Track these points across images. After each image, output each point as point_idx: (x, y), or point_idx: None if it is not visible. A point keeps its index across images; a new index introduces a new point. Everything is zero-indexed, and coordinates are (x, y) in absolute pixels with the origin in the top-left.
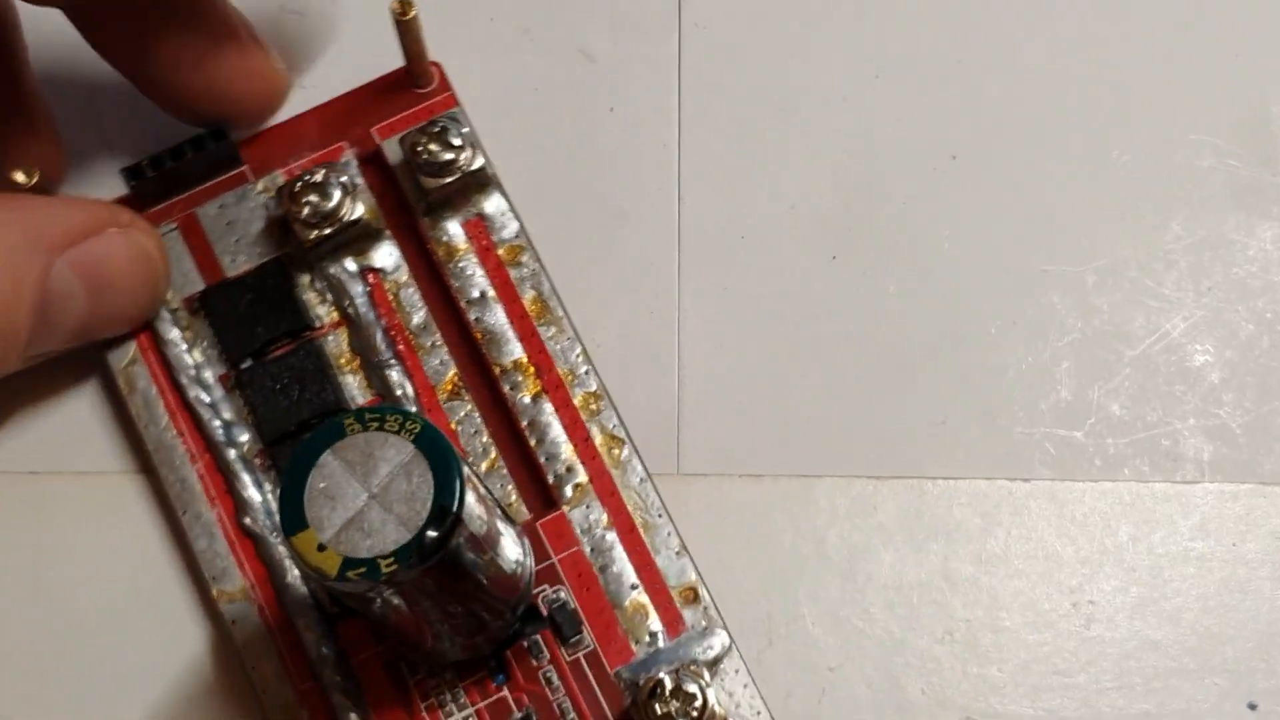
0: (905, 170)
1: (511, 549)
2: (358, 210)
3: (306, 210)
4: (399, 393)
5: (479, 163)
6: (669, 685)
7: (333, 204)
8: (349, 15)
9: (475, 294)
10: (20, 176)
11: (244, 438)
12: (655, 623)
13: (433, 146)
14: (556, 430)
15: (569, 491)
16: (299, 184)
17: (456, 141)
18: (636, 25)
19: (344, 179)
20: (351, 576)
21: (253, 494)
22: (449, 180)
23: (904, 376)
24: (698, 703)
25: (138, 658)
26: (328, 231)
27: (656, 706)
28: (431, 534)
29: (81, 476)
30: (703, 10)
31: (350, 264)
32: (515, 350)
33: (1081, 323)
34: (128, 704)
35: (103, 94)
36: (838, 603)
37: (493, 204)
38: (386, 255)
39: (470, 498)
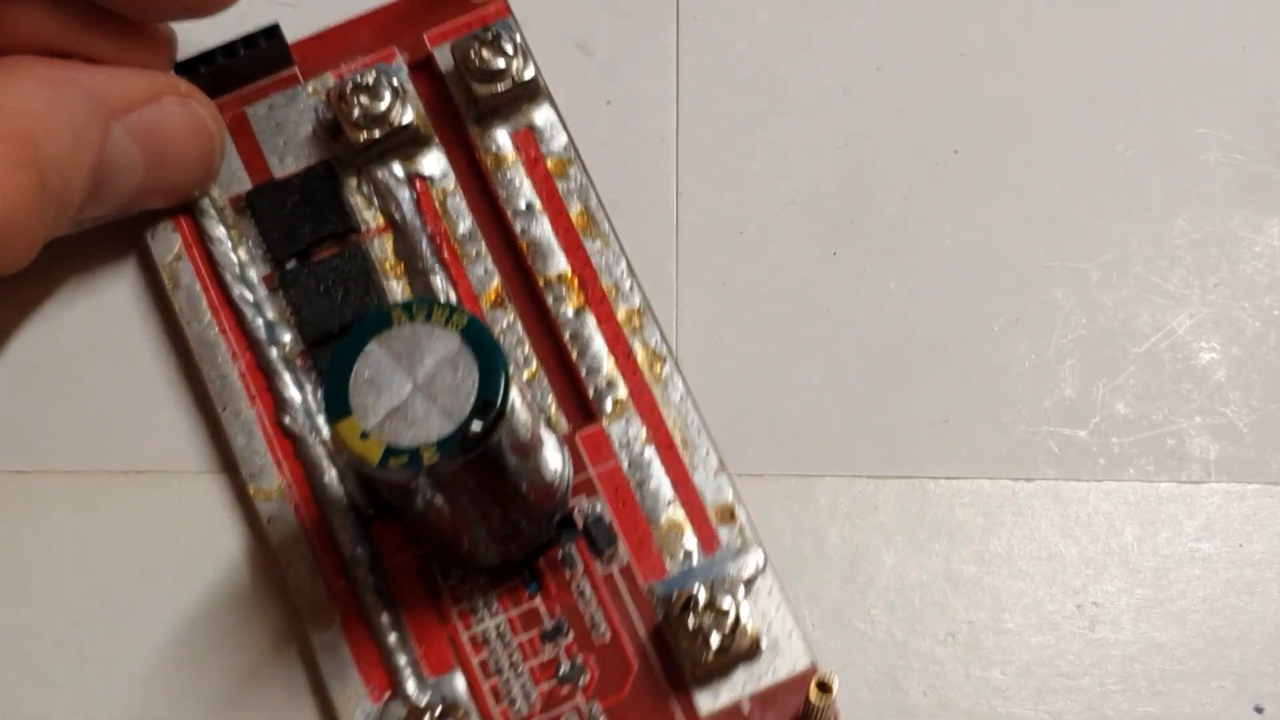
0: (907, 165)
1: (553, 457)
2: (408, 115)
3: (357, 112)
4: (442, 300)
5: (530, 73)
6: (702, 599)
7: (383, 106)
8: None
9: (522, 204)
10: None
11: (286, 338)
12: (690, 540)
13: (485, 53)
14: (599, 344)
15: (609, 406)
16: (350, 85)
17: (509, 50)
18: (634, 18)
19: (395, 83)
20: (393, 465)
21: (293, 393)
22: (500, 89)
23: (905, 374)
24: (730, 618)
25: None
26: (378, 135)
27: (689, 620)
28: (475, 426)
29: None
30: (701, 2)
31: (398, 169)
32: (560, 263)
33: (1086, 319)
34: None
35: None
36: (838, 604)
37: (542, 116)
38: (434, 163)
39: (517, 401)
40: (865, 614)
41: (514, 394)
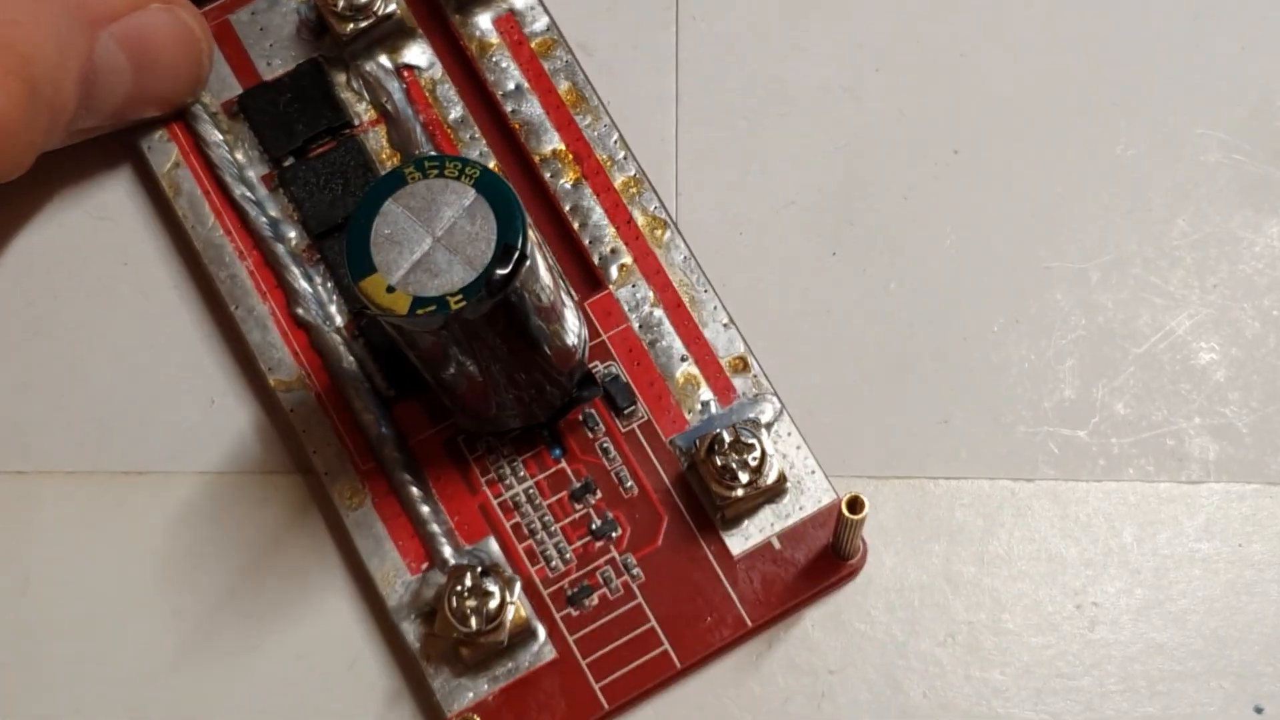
0: (906, 165)
1: (572, 320)
2: (391, 5)
3: (342, 3)
4: None
5: None
6: (728, 439)
7: None
8: None
9: (510, 86)
10: None
11: (291, 234)
12: (706, 393)
13: None
14: (599, 214)
15: (614, 272)
16: None
17: None
18: (633, 18)
19: None
20: (421, 314)
21: (303, 285)
22: None
23: (905, 375)
24: (756, 453)
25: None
26: (364, 25)
27: (717, 459)
28: (498, 271)
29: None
30: (701, 2)
31: (385, 61)
32: (553, 139)
33: (1085, 320)
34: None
35: None
36: (838, 605)
37: None
38: (419, 53)
39: (538, 257)
40: (865, 614)
41: (533, 247)
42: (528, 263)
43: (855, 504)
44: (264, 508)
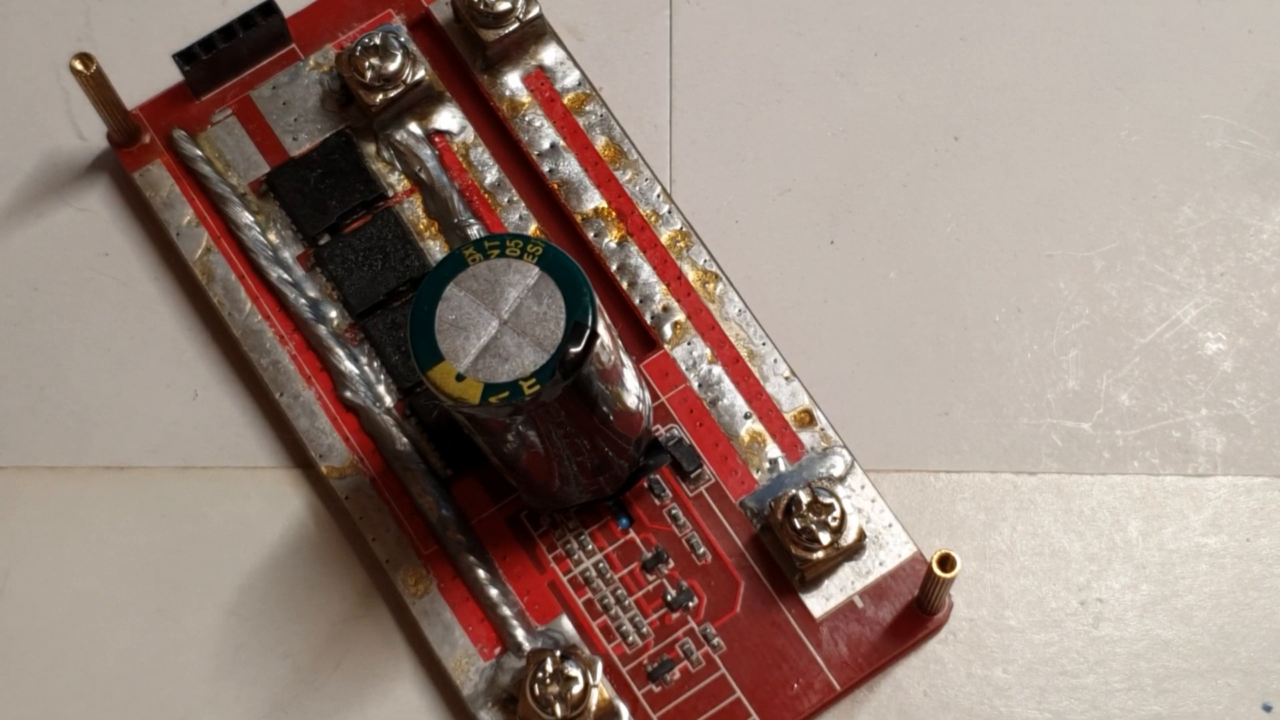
0: (905, 151)
1: (633, 382)
2: (419, 72)
3: (369, 74)
4: None
5: (535, 10)
6: (805, 500)
7: (395, 65)
8: None
9: (546, 145)
10: (78, 65)
11: (332, 314)
12: (773, 449)
13: None
14: (647, 271)
15: (668, 331)
16: (359, 48)
17: None
18: (626, 1)
19: (401, 39)
20: (494, 401)
21: (349, 367)
22: (508, 31)
23: (904, 366)
24: (835, 513)
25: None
26: (393, 94)
27: (795, 522)
28: (571, 350)
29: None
30: None
31: (415, 129)
32: (594, 198)
33: (1089, 309)
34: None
35: None
36: None
37: (550, 54)
38: (449, 118)
39: (601, 324)
40: None
41: (599, 317)
42: (599, 339)
43: (946, 561)
44: (250, 503)
